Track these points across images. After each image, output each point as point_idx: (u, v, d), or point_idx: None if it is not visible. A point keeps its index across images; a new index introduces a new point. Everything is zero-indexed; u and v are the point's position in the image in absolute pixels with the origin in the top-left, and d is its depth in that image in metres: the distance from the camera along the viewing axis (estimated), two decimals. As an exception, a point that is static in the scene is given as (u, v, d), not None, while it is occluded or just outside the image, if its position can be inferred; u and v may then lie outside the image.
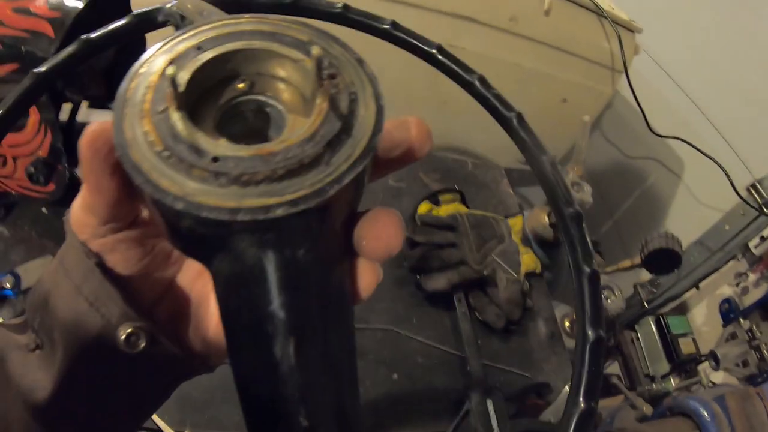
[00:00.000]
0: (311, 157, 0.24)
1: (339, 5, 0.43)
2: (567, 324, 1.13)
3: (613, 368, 1.76)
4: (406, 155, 0.32)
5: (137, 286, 0.36)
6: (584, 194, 1.15)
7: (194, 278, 0.39)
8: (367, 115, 0.27)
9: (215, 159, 0.24)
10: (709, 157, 1.63)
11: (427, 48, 0.44)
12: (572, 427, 0.32)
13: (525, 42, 1.47)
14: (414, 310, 0.98)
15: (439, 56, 0.43)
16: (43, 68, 0.36)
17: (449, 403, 0.90)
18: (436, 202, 1.11)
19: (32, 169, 0.86)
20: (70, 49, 0.37)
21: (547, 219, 1.18)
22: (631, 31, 1.59)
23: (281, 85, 0.29)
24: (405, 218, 1.08)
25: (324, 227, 0.27)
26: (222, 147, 0.25)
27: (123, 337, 0.33)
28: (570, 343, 1.13)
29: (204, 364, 0.39)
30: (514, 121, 0.40)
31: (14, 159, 0.87)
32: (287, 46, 0.28)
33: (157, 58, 0.28)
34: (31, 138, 0.85)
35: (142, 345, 0.34)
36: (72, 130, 0.96)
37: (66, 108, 0.97)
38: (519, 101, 1.34)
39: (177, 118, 0.25)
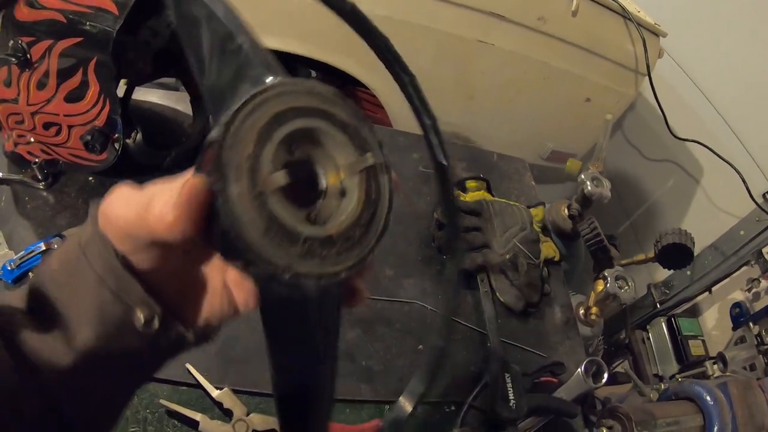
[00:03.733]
0: (357, 238, 0.37)
1: None
2: (581, 311, 1.22)
3: (623, 366, 1.84)
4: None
5: (151, 275, 0.42)
6: (603, 189, 1.23)
7: (198, 264, 0.46)
8: (385, 194, 0.38)
9: (305, 241, 0.35)
10: (727, 162, 1.71)
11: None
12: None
13: (552, 41, 1.56)
14: (440, 287, 1.08)
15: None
16: None
17: (469, 375, 0.99)
18: (464, 189, 1.20)
19: (89, 137, 0.90)
20: None
21: (566, 211, 1.28)
22: (656, 34, 1.67)
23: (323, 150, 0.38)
24: (434, 202, 1.17)
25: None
26: (308, 228, 0.35)
27: (142, 321, 0.41)
28: (584, 330, 1.22)
29: (203, 337, 0.46)
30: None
31: (69, 128, 0.91)
32: (336, 127, 0.38)
33: (241, 132, 0.35)
34: (90, 108, 0.89)
35: (156, 327, 0.42)
36: (127, 105, 1.03)
37: (122, 83, 1.05)
38: (544, 98, 1.45)
39: (274, 202, 0.34)
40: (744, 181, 1.67)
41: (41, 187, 0.99)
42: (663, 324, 1.83)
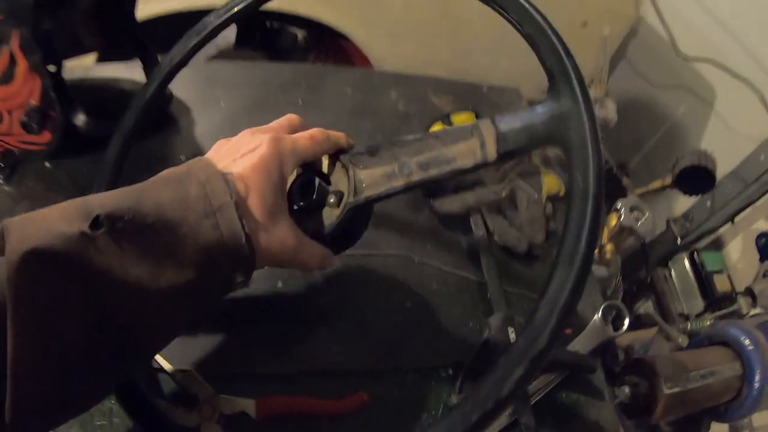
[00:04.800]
0: None
1: None
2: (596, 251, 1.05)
3: (646, 307, 1.69)
4: None
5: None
6: (608, 111, 1.07)
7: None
8: None
9: None
10: (743, 80, 1.53)
11: None
12: None
13: (541, -40, 1.37)
14: (428, 235, 0.90)
15: None
16: None
17: (467, 331, 0.82)
18: (449, 124, 1.03)
19: (26, 119, 0.83)
20: None
21: (570, 141, 1.10)
22: (654, -55, 1.48)
23: None
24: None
25: None
26: None
27: (238, 281, 0.51)
28: (599, 270, 1.05)
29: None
30: None
31: (9, 113, 0.85)
32: None
33: None
34: (22, 86, 0.82)
35: (238, 287, 0.53)
36: (61, 80, 0.92)
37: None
38: (536, 27, 1.21)
39: None
40: (764, 101, 1.48)
41: (0, 181, 0.91)
42: (685, 260, 1.64)
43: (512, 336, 0.80)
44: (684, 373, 0.84)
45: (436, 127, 1.00)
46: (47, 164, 0.91)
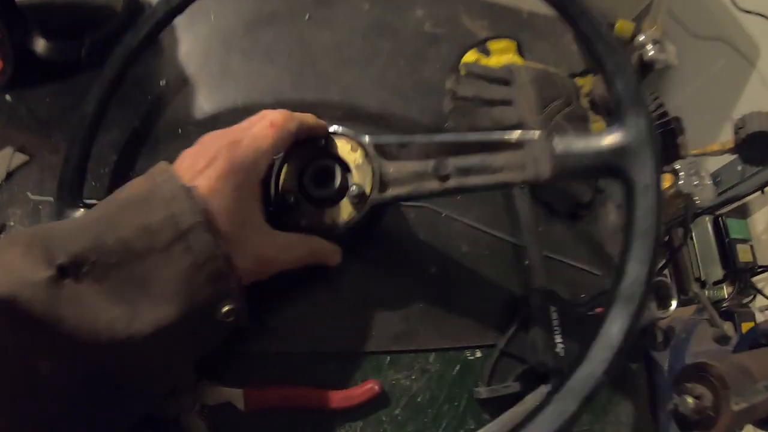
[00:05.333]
0: None
1: None
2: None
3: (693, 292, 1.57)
4: None
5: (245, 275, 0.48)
6: (668, 54, 0.90)
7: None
8: None
9: None
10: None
11: None
12: None
13: None
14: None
15: None
16: None
17: (501, 307, 0.66)
18: (486, 52, 0.84)
19: None
20: None
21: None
22: None
23: None
24: (446, 69, 0.82)
25: None
26: None
27: (223, 311, 0.46)
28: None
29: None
30: None
31: None
32: None
33: None
34: None
35: (231, 319, 0.46)
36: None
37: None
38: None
39: None
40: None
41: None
42: (708, 223, 1.54)
43: (554, 316, 0.64)
44: (750, 384, 0.69)
45: (471, 56, 0.82)
46: (8, 97, 0.77)
